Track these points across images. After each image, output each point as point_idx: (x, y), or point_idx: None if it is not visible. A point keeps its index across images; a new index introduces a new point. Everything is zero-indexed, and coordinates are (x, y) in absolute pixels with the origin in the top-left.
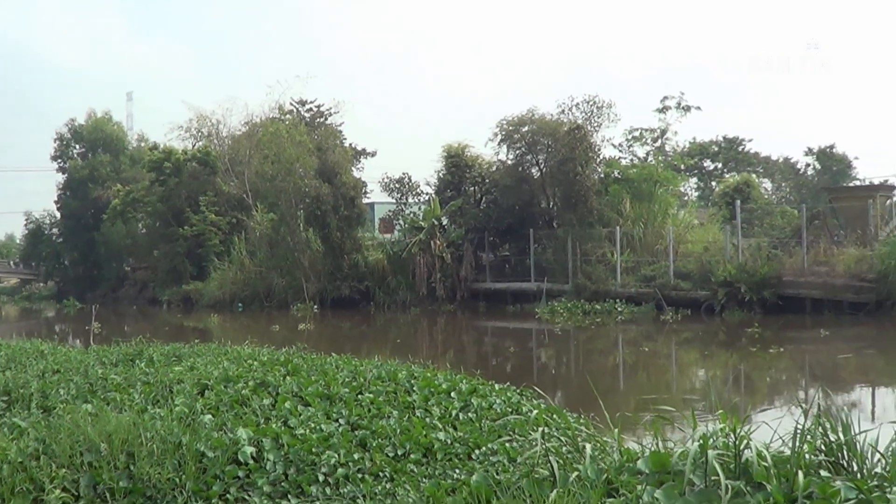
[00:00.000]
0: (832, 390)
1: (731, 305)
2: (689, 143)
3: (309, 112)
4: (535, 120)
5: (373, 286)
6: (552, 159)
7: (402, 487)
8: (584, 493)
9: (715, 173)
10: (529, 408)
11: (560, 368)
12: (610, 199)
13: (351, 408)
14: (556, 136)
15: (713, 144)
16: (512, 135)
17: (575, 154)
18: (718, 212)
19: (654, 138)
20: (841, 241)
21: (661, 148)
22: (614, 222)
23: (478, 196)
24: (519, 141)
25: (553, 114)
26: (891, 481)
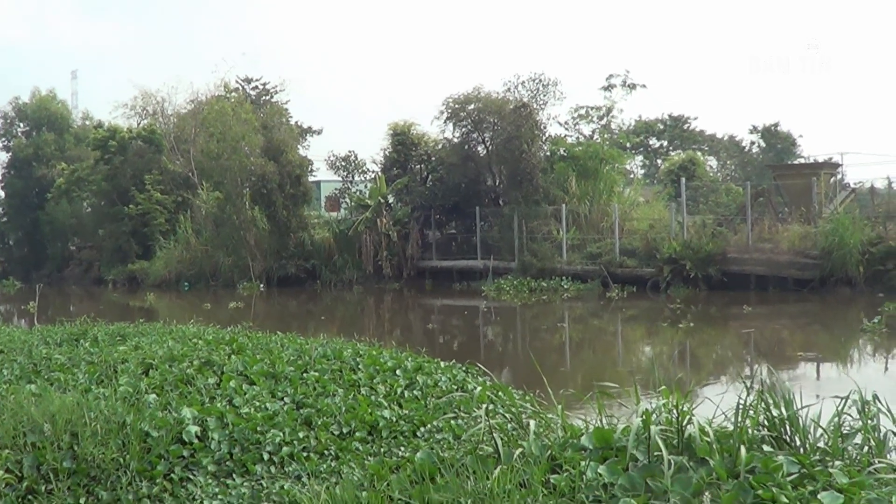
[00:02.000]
0: (775, 366)
1: (676, 282)
2: (635, 121)
3: (255, 90)
4: (481, 98)
5: (319, 264)
6: (498, 137)
7: (347, 465)
8: (528, 470)
9: (660, 151)
10: (474, 385)
11: (506, 346)
12: (556, 176)
13: (296, 386)
14: (501, 114)
15: (659, 122)
16: (458, 113)
17: (521, 132)
18: (664, 189)
19: (600, 116)
20: (785, 219)
21: (606, 126)
22: (560, 200)
23: (424, 174)
24: (465, 119)
25: (499, 92)
26: (832, 455)
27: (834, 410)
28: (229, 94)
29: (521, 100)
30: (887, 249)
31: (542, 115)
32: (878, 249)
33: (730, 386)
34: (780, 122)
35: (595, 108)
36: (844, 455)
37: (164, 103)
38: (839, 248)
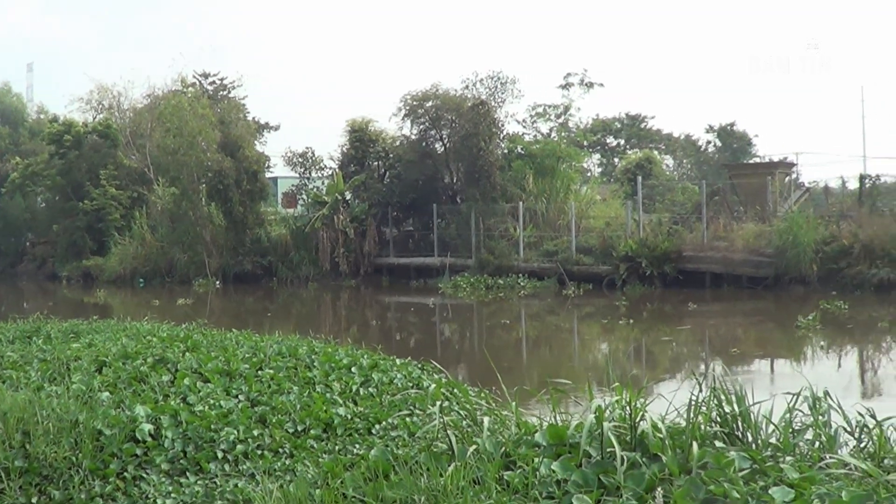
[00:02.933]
0: (729, 363)
1: (632, 280)
2: (593, 120)
3: (212, 85)
4: (440, 95)
5: (275, 261)
6: (456, 135)
7: (302, 463)
8: (482, 466)
9: (617, 150)
10: (430, 382)
11: (462, 343)
12: (513, 174)
13: (251, 384)
14: (459, 112)
15: (616, 121)
16: (416, 110)
17: (478, 129)
18: (620, 188)
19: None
20: (740, 217)
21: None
22: (517, 198)
23: (381, 171)
24: (423, 116)
25: (457, 89)
26: (784, 451)
27: (785, 407)
28: (186, 88)
29: (479, 97)
30: (840, 248)
31: (499, 112)
32: (831, 248)
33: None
34: (735, 122)
35: (553, 106)
36: (796, 451)
37: (121, 98)
38: (793, 247)
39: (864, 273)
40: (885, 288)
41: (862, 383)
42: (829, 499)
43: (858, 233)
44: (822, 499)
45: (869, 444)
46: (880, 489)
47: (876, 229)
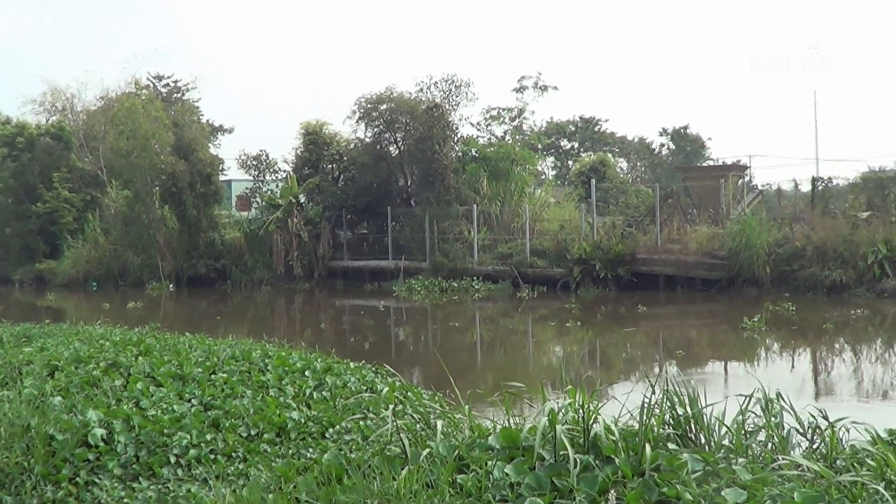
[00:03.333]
0: (682, 365)
1: (586, 282)
2: (547, 123)
3: (166, 87)
4: (394, 98)
5: (229, 264)
6: (410, 137)
7: (255, 468)
8: (435, 470)
9: (571, 153)
10: (383, 386)
11: (417, 346)
12: (467, 177)
13: (204, 388)
14: (414, 115)
15: (570, 124)
16: (370, 112)
17: (433, 132)
18: (574, 190)
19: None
20: (694, 220)
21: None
22: (472, 200)
23: (336, 174)
24: (377, 119)
25: (411, 92)
26: (736, 453)
27: (738, 409)
28: (140, 91)
29: (434, 100)
30: (793, 250)
31: (454, 115)
32: (784, 250)
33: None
34: (689, 125)
35: (507, 109)
36: (748, 452)
37: (74, 100)
38: (746, 249)
39: (816, 275)
40: (837, 290)
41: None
42: (781, 500)
43: (811, 235)
44: (774, 500)
45: (821, 445)
46: (832, 490)
47: (828, 231)
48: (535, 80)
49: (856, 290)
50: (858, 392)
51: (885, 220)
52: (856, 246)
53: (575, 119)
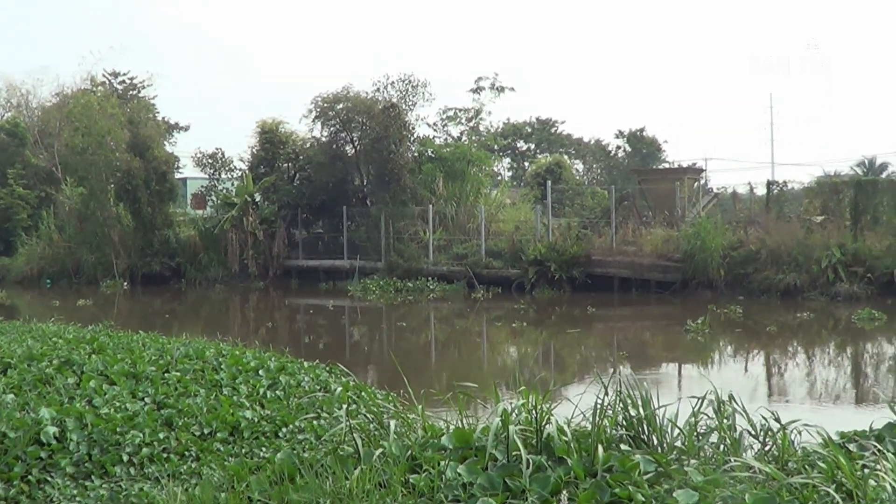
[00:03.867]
0: (636, 367)
1: (541, 284)
2: (503, 124)
3: (122, 84)
4: (350, 97)
5: (184, 263)
6: (366, 137)
7: (208, 466)
8: (388, 470)
9: (528, 154)
10: (337, 385)
11: (371, 346)
12: (423, 177)
13: (157, 386)
14: (370, 114)
15: (526, 125)
16: (326, 112)
17: (389, 132)
18: (530, 192)
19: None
20: (649, 222)
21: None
22: (427, 201)
23: (291, 173)
24: (333, 118)
25: (368, 92)
26: (689, 454)
27: (690, 411)
28: (96, 87)
29: (391, 100)
30: (747, 254)
31: (410, 115)
32: (738, 253)
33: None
34: (645, 128)
35: (464, 109)
36: (700, 454)
37: (29, 96)
38: (701, 252)
39: (770, 278)
40: (791, 293)
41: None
42: (732, 501)
43: (765, 238)
44: (725, 501)
45: (773, 447)
46: (783, 492)
47: (783, 235)
48: (491, 81)
49: (810, 293)
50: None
51: (839, 225)
52: (810, 250)
53: (531, 120)
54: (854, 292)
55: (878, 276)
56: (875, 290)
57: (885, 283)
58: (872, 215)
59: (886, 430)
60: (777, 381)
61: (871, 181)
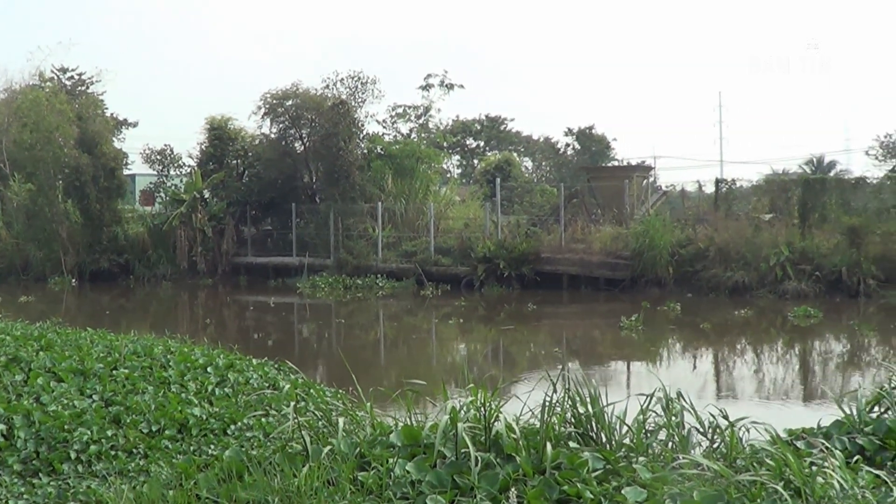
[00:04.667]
0: (586, 364)
1: (490, 281)
2: (452, 121)
3: (70, 80)
4: (300, 94)
5: (133, 259)
6: (316, 134)
7: (156, 464)
8: (337, 467)
9: (477, 151)
10: (285, 383)
11: (320, 343)
12: (372, 174)
13: (105, 383)
14: (319, 111)
15: (476, 123)
16: (276, 108)
17: (338, 129)
18: (480, 189)
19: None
20: (598, 220)
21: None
22: (376, 198)
23: (241, 169)
24: (283, 115)
25: (317, 88)
26: (637, 452)
27: (639, 408)
28: (44, 83)
29: (340, 97)
30: (696, 251)
31: (360, 112)
32: (686, 251)
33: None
34: (594, 125)
35: (413, 107)
36: (649, 451)
37: None
38: (650, 250)
39: (719, 276)
40: (740, 291)
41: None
42: (680, 499)
43: (714, 236)
44: (674, 499)
45: (721, 444)
46: (731, 489)
47: (731, 233)
48: (441, 78)
49: (758, 291)
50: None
51: (787, 223)
52: (758, 248)
53: (481, 118)
54: (802, 290)
55: (825, 274)
56: (823, 288)
57: (832, 280)
58: (820, 213)
59: (834, 428)
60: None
61: (819, 180)
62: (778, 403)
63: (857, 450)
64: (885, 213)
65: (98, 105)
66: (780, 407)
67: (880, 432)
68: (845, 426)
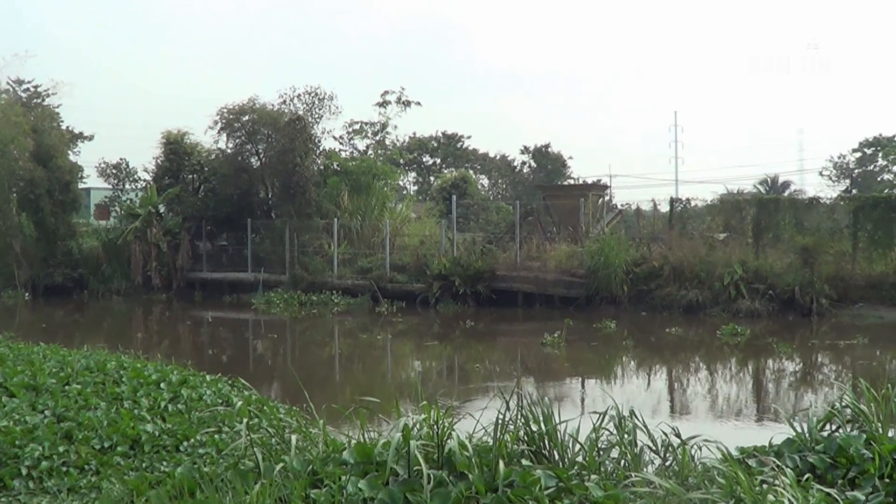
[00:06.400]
0: (540, 382)
1: (445, 298)
2: (409, 138)
3: (26, 92)
4: (256, 109)
5: (87, 274)
6: (272, 150)
7: (108, 480)
8: (289, 485)
9: (433, 168)
10: (239, 399)
11: (275, 359)
12: (329, 190)
13: (57, 399)
14: (276, 127)
15: (433, 140)
16: (232, 123)
17: (295, 145)
18: (436, 206)
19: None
20: (554, 238)
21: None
22: (332, 214)
23: (196, 184)
24: (239, 130)
25: (274, 104)
26: (590, 469)
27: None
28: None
29: (297, 113)
30: (650, 270)
31: (316, 128)
32: (641, 269)
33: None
34: (550, 144)
35: (370, 123)
36: (601, 469)
37: None
38: (604, 268)
39: (673, 294)
40: (694, 309)
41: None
42: None
43: (668, 255)
44: None
45: (673, 462)
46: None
47: (685, 252)
48: (398, 95)
49: (712, 310)
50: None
51: (741, 242)
52: (712, 266)
53: (437, 135)
54: (755, 309)
55: (778, 293)
56: (776, 307)
57: (785, 299)
58: (774, 233)
59: (785, 446)
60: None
61: (773, 199)
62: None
63: (808, 468)
64: (837, 233)
65: (54, 118)
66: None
67: (831, 450)
68: (796, 444)
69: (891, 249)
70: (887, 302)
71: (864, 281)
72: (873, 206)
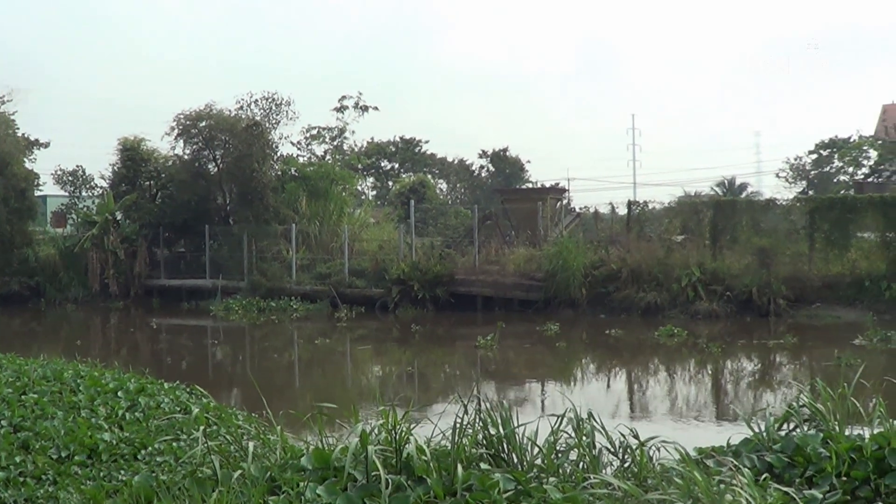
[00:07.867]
0: (499, 385)
1: (404, 303)
2: (367, 143)
3: None
4: (213, 115)
5: (43, 282)
6: (229, 155)
7: (65, 490)
8: (247, 492)
9: (392, 173)
10: (197, 407)
11: (234, 366)
12: (286, 196)
13: (13, 408)
14: (233, 132)
15: (391, 145)
16: (189, 129)
17: (252, 150)
18: (394, 211)
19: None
20: (512, 242)
21: (338, 147)
22: (290, 220)
23: (154, 191)
24: (196, 136)
25: (231, 110)
26: (548, 472)
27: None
28: None
29: (254, 118)
30: (609, 272)
31: (274, 134)
32: (600, 272)
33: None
34: (508, 148)
35: (328, 128)
36: (560, 471)
37: None
38: (563, 271)
39: (631, 297)
40: (652, 311)
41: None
42: None
43: (626, 258)
44: None
45: (632, 464)
46: None
47: (643, 254)
48: (355, 100)
49: (670, 312)
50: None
51: (698, 244)
52: (670, 269)
53: (395, 140)
54: (713, 310)
55: (736, 294)
56: (734, 308)
57: (743, 300)
58: (731, 235)
59: (742, 446)
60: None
61: (730, 202)
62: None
63: (765, 467)
64: (794, 234)
65: (9, 125)
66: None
67: (788, 450)
68: (753, 444)
69: (847, 250)
70: (843, 302)
71: (821, 281)
72: (829, 207)
